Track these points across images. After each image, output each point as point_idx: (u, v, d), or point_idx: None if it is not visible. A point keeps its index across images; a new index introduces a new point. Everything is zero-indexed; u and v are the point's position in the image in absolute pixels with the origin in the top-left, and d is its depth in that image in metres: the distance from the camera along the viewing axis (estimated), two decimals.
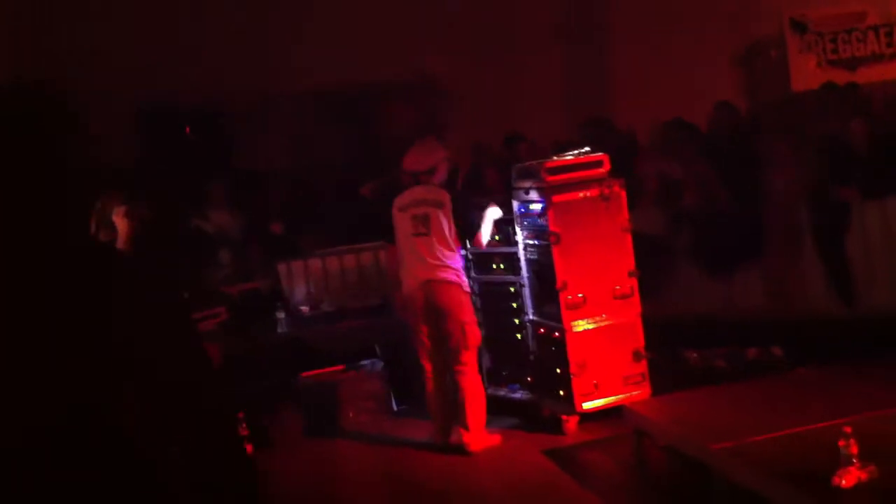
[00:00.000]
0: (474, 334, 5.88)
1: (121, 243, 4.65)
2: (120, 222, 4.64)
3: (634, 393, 5.92)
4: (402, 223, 5.96)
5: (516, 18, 10.42)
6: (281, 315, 7.12)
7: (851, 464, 3.69)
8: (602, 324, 5.94)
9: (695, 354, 7.01)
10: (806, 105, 9.10)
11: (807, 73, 10.02)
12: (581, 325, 5.90)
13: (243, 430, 6.29)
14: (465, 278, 5.95)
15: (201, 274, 7.85)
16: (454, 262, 5.87)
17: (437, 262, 5.82)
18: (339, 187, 8.86)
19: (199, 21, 9.56)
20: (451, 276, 5.83)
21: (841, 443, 3.74)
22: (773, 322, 7.20)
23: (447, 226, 5.84)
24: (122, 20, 9.38)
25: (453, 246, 5.86)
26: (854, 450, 3.71)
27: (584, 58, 10.80)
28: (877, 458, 3.71)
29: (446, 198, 5.88)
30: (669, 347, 6.98)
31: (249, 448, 6.32)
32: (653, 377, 6.05)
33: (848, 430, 3.74)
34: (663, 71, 10.01)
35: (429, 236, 5.84)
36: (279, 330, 7.10)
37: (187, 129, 9.77)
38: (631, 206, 6.10)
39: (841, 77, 9.43)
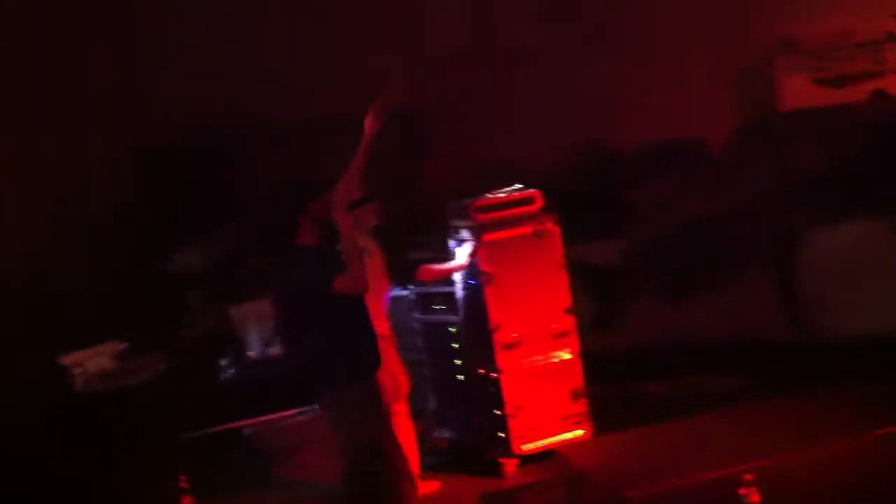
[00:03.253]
0: (403, 384, 5.60)
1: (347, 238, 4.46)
2: (342, 219, 4.44)
3: (575, 433, 5.79)
4: None
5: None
6: (225, 362, 6.94)
7: None
8: (539, 363, 5.81)
9: (640, 386, 6.85)
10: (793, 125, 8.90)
11: (796, 92, 9.87)
12: (517, 366, 5.77)
13: (183, 483, 6.17)
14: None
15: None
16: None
17: None
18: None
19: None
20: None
21: (742, 491, 3.62)
22: (730, 347, 7.06)
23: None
24: None
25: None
26: (755, 498, 3.60)
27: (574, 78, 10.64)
28: None
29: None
30: (621, 381, 6.84)
31: (190, 500, 6.14)
32: (600, 413, 5.92)
33: (749, 477, 3.62)
34: (654, 92, 9.88)
35: None
36: (223, 377, 6.92)
37: None
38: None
39: (829, 96, 9.30)
